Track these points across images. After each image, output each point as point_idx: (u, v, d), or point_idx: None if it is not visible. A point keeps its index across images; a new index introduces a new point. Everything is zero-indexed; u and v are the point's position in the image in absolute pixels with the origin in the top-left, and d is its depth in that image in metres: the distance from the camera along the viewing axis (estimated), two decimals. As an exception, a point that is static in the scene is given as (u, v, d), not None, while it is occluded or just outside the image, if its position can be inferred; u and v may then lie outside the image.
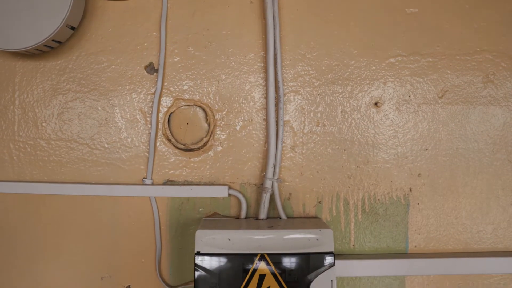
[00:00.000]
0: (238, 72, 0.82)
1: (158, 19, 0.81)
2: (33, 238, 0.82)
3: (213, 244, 0.70)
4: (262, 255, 0.70)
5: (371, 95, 0.83)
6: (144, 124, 0.82)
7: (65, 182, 0.81)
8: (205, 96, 0.82)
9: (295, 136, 0.83)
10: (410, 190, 0.84)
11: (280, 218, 0.81)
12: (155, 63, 0.82)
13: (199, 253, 0.70)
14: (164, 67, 0.81)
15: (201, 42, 0.82)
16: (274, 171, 0.79)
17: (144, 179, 0.81)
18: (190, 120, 0.82)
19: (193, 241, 0.71)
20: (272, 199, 0.81)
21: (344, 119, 0.83)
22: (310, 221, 0.79)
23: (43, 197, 0.82)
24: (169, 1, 0.81)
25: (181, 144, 0.82)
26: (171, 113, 0.82)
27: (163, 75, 0.81)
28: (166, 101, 0.82)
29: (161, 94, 0.81)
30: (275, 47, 0.80)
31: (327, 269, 0.70)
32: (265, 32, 0.80)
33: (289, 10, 0.82)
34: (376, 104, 0.84)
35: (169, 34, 0.82)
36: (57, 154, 0.82)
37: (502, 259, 0.83)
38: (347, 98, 0.83)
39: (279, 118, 0.80)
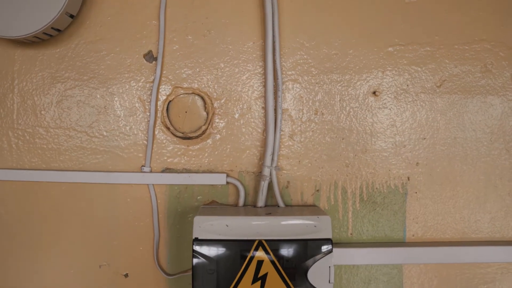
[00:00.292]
0: (237, 60, 0.82)
1: (157, 8, 0.81)
2: (31, 226, 0.82)
3: (211, 230, 0.70)
4: (260, 241, 0.70)
5: (369, 84, 0.84)
6: (143, 112, 0.82)
7: (64, 170, 0.81)
8: (203, 84, 0.82)
9: (293, 124, 0.83)
10: (408, 179, 0.85)
11: (278, 206, 0.81)
12: (154, 51, 0.82)
13: (197, 239, 0.70)
14: (163, 56, 0.81)
15: (200, 31, 0.82)
16: (272, 159, 0.80)
17: (142, 167, 0.81)
18: (189, 108, 0.82)
19: (191, 229, 0.71)
20: (270, 187, 0.81)
21: (342, 108, 0.83)
22: (308, 209, 0.79)
23: (41, 184, 0.82)
24: (168, -11, 0.82)
25: (180, 132, 0.82)
26: (170, 101, 0.82)
27: (162, 64, 0.81)
28: (165, 89, 0.82)
29: (160, 82, 0.82)
30: (273, 36, 0.80)
31: (325, 255, 0.71)
32: (264, 21, 0.80)
33: (287, -1, 0.82)
34: (374, 93, 0.84)
35: (168, 23, 0.82)
36: (55, 142, 0.82)
37: (499, 248, 0.83)
38: (346, 87, 0.83)
39: (278, 106, 0.80)
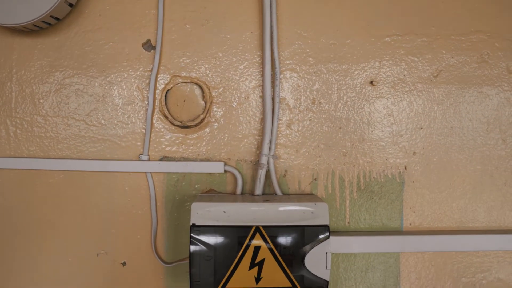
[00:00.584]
0: (235, 50, 0.83)
1: (155, -3, 0.82)
2: (29, 214, 0.82)
3: (208, 217, 0.71)
4: (257, 228, 0.70)
5: (366, 74, 0.84)
6: (141, 101, 0.82)
7: (62, 158, 0.82)
8: (202, 73, 0.83)
9: (291, 113, 0.83)
10: (405, 168, 0.85)
11: (276, 195, 0.81)
12: (153, 40, 0.82)
13: (194, 225, 0.70)
14: (162, 45, 0.82)
15: (199, 20, 0.82)
16: (270, 147, 0.80)
17: (140, 155, 0.81)
18: (187, 97, 0.83)
19: (189, 217, 0.71)
20: (268, 176, 0.81)
21: (339, 97, 0.84)
22: (306, 197, 0.79)
23: (39, 173, 0.82)
24: (166, -21, 0.82)
25: (178, 121, 0.82)
26: (168, 90, 0.82)
27: (161, 53, 0.82)
28: (163, 78, 0.82)
29: (158, 71, 0.82)
30: (271, 26, 0.80)
31: (322, 241, 0.71)
32: (262, 11, 0.81)
33: (285, -11, 0.83)
34: (371, 82, 0.84)
35: (166, 12, 0.82)
36: (54, 131, 0.82)
37: (496, 236, 0.84)
38: (343, 77, 0.84)
39: (275, 95, 0.80)
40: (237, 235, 0.70)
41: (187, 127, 0.82)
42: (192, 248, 0.70)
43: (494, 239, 0.84)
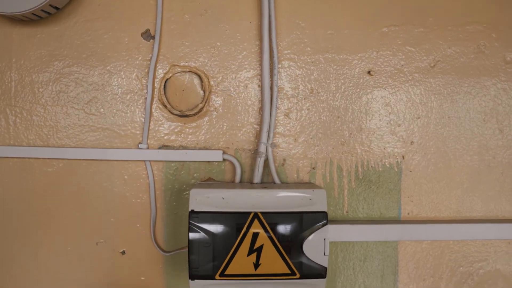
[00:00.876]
0: (234, 39, 0.83)
1: (154, -13, 0.82)
2: (28, 203, 0.83)
3: (207, 203, 0.71)
4: (255, 214, 0.70)
5: (364, 64, 0.85)
6: (140, 90, 0.83)
7: (61, 147, 0.82)
8: (200, 63, 0.83)
9: (289, 102, 0.84)
10: (403, 157, 0.86)
11: (274, 183, 0.81)
12: (152, 30, 0.83)
13: (193, 211, 0.70)
14: (161, 34, 0.82)
15: (197, 10, 0.83)
16: (269, 136, 0.80)
17: (139, 144, 0.82)
18: (186, 86, 0.83)
19: (188, 206, 0.71)
20: (266, 165, 0.82)
21: (337, 86, 0.84)
22: (304, 185, 0.80)
23: (38, 161, 0.82)
24: (165, -31, 0.83)
25: (177, 110, 0.82)
26: (167, 79, 0.83)
27: (160, 42, 0.82)
28: (162, 68, 0.83)
29: (157, 61, 0.82)
30: (269, 15, 0.81)
31: (320, 228, 0.71)
32: (260, 0, 0.81)
33: (284, -21, 0.84)
34: (369, 72, 0.85)
35: (165, 2, 0.83)
36: (53, 119, 0.82)
37: (493, 225, 0.84)
38: (341, 66, 0.84)
39: (274, 84, 0.81)
40: (235, 221, 0.70)
41: (186, 116, 0.83)
42: (191, 234, 0.70)
43: (491, 228, 0.84)
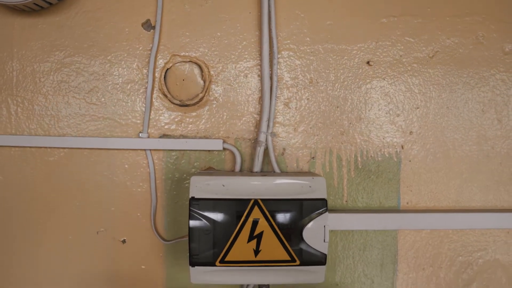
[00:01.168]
0: (234, 29, 0.84)
1: (155, -23, 0.83)
2: (29, 192, 0.83)
3: (207, 190, 0.71)
4: (255, 201, 0.71)
5: (363, 54, 0.85)
6: (141, 80, 0.83)
7: (62, 136, 0.82)
8: (201, 52, 0.84)
9: (288, 92, 0.84)
10: (402, 147, 0.86)
11: (274, 172, 0.82)
12: (152, 20, 0.83)
13: (193, 198, 0.71)
14: (161, 24, 0.83)
15: (197, 1, 0.83)
16: (268, 125, 0.81)
17: (140, 133, 0.82)
18: (186, 76, 0.84)
19: (188, 195, 0.72)
20: (266, 154, 0.82)
21: (337, 77, 0.85)
22: (304, 173, 0.80)
23: (39, 150, 0.83)
24: (166, -40, 0.83)
25: (177, 99, 0.83)
26: (168, 69, 0.83)
27: (160, 32, 0.83)
28: (163, 57, 0.83)
29: (157, 51, 0.83)
30: (269, 5, 0.81)
31: (320, 215, 0.72)
32: (260, -9, 0.82)
33: (283, -30, 0.84)
34: (368, 62, 0.85)
35: (166, -8, 0.83)
36: (54, 109, 0.83)
37: (492, 214, 0.84)
38: (340, 56, 0.85)
39: (273, 74, 0.81)
40: (235, 208, 0.71)
41: (186, 105, 0.83)
42: (191, 221, 0.70)
43: (490, 217, 0.85)
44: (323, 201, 0.72)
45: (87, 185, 0.83)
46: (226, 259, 0.71)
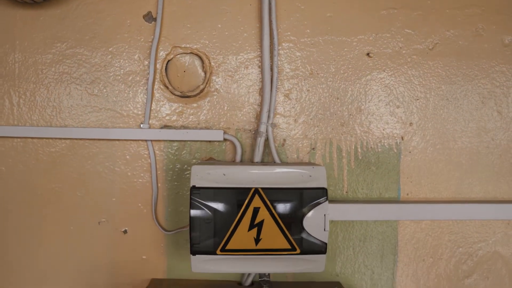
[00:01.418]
0: (234, 21, 0.84)
1: (156, -30, 0.84)
2: (31, 182, 0.84)
3: (208, 179, 0.72)
4: (256, 189, 0.71)
5: (363, 46, 0.86)
6: (142, 71, 0.84)
7: (64, 127, 0.83)
8: (202, 44, 0.84)
9: (289, 84, 0.85)
10: (402, 138, 0.86)
11: (275, 163, 0.82)
12: (153, 12, 0.84)
13: (194, 187, 0.71)
14: (162, 16, 0.83)
15: (198, -7, 0.84)
16: (269, 116, 0.81)
17: (141, 124, 0.83)
18: (187, 67, 0.84)
19: (189, 185, 0.72)
20: (267, 145, 0.83)
21: (337, 68, 0.85)
22: (304, 163, 0.81)
23: (41, 141, 0.83)
24: (167, -48, 0.84)
25: (178, 91, 0.83)
26: (169, 60, 0.84)
27: (161, 24, 0.83)
28: (164, 49, 0.84)
29: (159, 42, 0.83)
30: (270, -3, 0.82)
31: (320, 204, 0.72)
32: (261, -17, 0.83)
33: (284, -38, 0.85)
34: (368, 54, 0.86)
35: (167, -15, 0.84)
36: (56, 100, 0.83)
37: (492, 205, 0.85)
38: (340, 48, 0.85)
39: (274, 65, 0.82)
40: (236, 197, 0.71)
41: (187, 97, 0.84)
42: (192, 209, 0.71)
43: (490, 208, 0.85)
44: (323, 190, 0.72)
45: (88, 175, 0.84)
46: (227, 248, 0.71)
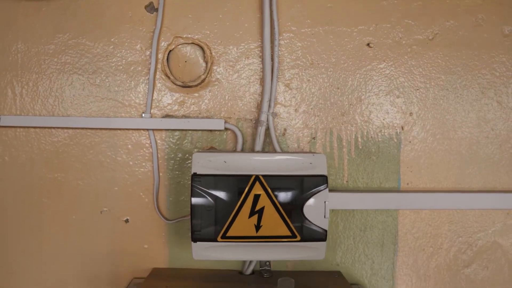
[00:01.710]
0: (236, 12, 0.85)
1: (158, -40, 0.84)
2: (33, 171, 0.84)
3: (209, 166, 0.72)
4: (257, 177, 0.72)
5: (363, 36, 0.86)
6: (144, 61, 0.84)
7: (66, 116, 0.84)
8: (203, 34, 0.85)
9: (289, 74, 0.85)
10: (402, 128, 0.87)
11: (275, 151, 0.83)
12: (155, 2, 0.84)
13: (195, 174, 0.72)
14: (164, 7, 0.84)
15: (200, -17, 0.85)
16: (270, 105, 0.82)
17: (143, 114, 0.83)
18: (188, 58, 0.85)
19: (190, 176, 0.72)
20: (268, 134, 0.83)
21: (337, 58, 0.86)
22: (304, 152, 0.81)
23: (43, 131, 0.84)
24: None
25: (180, 81, 0.84)
26: (170, 51, 0.84)
27: (163, 14, 0.84)
28: (165, 39, 0.84)
29: (160, 33, 0.84)
30: (271, -12, 0.83)
31: (320, 191, 0.72)
32: (261, -26, 0.83)
33: (284, -47, 0.85)
34: (368, 44, 0.86)
35: (168, -25, 0.84)
36: (58, 90, 0.84)
37: (491, 194, 0.85)
38: (341, 38, 0.86)
39: (275, 54, 0.82)
40: (237, 184, 0.71)
41: (189, 87, 0.84)
42: (193, 196, 0.71)
43: (489, 198, 0.85)
44: (324, 177, 0.73)
45: (90, 165, 0.84)
46: (228, 235, 0.72)
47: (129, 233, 0.85)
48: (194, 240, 0.72)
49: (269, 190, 0.71)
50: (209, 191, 0.71)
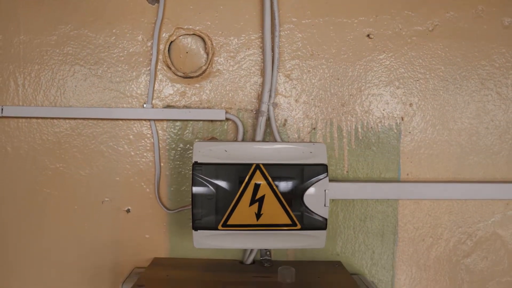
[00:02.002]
0: (236, 3, 0.85)
1: (159, -48, 0.85)
2: (35, 162, 0.85)
3: (210, 155, 0.73)
4: (257, 165, 0.72)
5: (363, 27, 0.86)
6: (145, 52, 0.85)
7: (68, 106, 0.84)
8: (204, 25, 0.85)
9: (290, 64, 0.86)
10: (402, 119, 0.87)
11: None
12: (156, -6, 0.85)
13: (196, 163, 0.72)
14: (165, -2, 0.85)
15: (201, -25, 0.85)
16: (270, 95, 0.82)
17: (144, 104, 0.84)
18: (190, 48, 0.85)
19: (191, 166, 0.73)
20: (268, 124, 0.84)
21: (337, 49, 0.86)
22: (305, 141, 0.82)
23: (46, 122, 0.85)
24: None
25: (181, 72, 0.84)
26: (172, 41, 0.85)
27: (164, 6, 0.84)
28: (167, 30, 0.85)
29: (162, 24, 0.84)
30: (271, -21, 0.83)
31: (320, 180, 0.73)
32: (262, -35, 0.84)
33: None
34: (368, 35, 0.87)
35: (169, -33, 0.85)
36: (60, 81, 0.85)
37: (491, 185, 0.86)
38: (341, 29, 0.86)
39: (275, 45, 0.83)
40: (237, 173, 0.72)
41: (190, 77, 0.85)
42: (194, 185, 0.72)
43: (489, 188, 0.86)
44: (324, 166, 0.73)
45: (92, 155, 0.85)
46: (228, 223, 0.72)
47: (130, 223, 0.86)
48: (195, 228, 0.72)
49: (270, 179, 0.72)
50: (210, 180, 0.72)
